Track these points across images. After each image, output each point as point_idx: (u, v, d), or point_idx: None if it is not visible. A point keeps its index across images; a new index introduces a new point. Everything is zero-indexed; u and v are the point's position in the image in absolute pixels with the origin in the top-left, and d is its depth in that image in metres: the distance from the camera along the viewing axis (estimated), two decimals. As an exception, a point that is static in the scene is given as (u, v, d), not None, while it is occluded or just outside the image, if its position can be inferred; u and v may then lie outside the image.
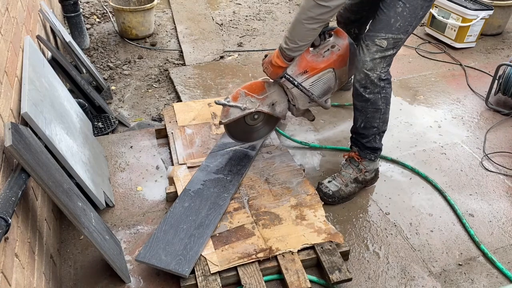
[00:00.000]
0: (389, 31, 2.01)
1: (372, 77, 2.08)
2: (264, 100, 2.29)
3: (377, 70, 2.07)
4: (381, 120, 2.20)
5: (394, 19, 1.99)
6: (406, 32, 2.03)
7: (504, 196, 2.36)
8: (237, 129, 2.38)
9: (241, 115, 2.25)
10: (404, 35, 2.04)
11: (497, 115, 2.99)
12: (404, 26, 2.00)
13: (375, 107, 2.15)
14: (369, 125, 2.20)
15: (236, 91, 2.26)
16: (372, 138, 2.24)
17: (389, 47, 2.03)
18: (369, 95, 2.12)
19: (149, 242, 1.91)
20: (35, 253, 1.60)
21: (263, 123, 2.46)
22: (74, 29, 3.63)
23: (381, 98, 2.14)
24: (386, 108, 2.18)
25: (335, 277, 1.83)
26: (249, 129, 2.45)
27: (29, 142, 1.62)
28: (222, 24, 4.25)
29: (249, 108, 2.25)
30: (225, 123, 2.23)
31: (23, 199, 1.61)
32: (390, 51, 2.05)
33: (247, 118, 2.37)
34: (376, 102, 2.14)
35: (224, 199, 2.12)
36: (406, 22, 2.00)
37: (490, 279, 1.94)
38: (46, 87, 2.13)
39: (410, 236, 2.13)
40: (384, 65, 2.08)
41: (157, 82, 3.38)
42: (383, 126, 2.23)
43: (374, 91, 2.11)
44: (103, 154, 2.53)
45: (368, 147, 2.26)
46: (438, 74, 3.44)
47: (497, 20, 3.89)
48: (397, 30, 2.00)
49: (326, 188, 2.27)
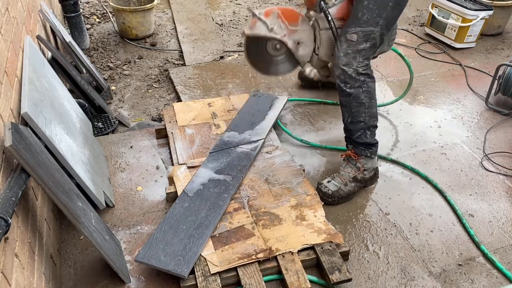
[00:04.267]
0: (357, 24, 2.07)
1: (349, 72, 2.13)
2: (292, 34, 2.24)
3: (353, 64, 2.12)
4: (367, 114, 2.22)
5: (361, 12, 2.06)
6: (376, 24, 2.07)
7: (504, 196, 2.36)
8: (255, 51, 2.34)
9: (265, 35, 2.19)
10: (375, 27, 2.07)
11: (497, 115, 2.99)
12: (372, 18, 2.06)
13: (358, 101, 2.19)
14: (355, 119, 2.23)
15: (271, 8, 2.24)
16: (362, 133, 2.25)
17: (360, 40, 2.09)
18: (350, 89, 2.17)
19: (149, 243, 1.91)
20: (35, 253, 1.60)
21: (282, 59, 2.37)
22: (74, 29, 3.64)
23: (363, 92, 2.17)
24: (370, 102, 2.21)
25: (335, 278, 1.83)
26: (266, 57, 2.38)
27: (29, 142, 1.62)
28: (222, 24, 4.25)
29: (275, 32, 2.21)
30: (247, 34, 2.19)
31: (23, 199, 1.61)
32: (362, 45, 2.09)
33: (268, 45, 2.33)
34: (358, 96, 2.18)
35: (224, 200, 2.12)
36: (373, 14, 2.05)
37: (490, 279, 1.94)
38: (46, 87, 2.13)
39: (410, 236, 2.13)
40: (361, 59, 2.12)
41: (157, 82, 3.38)
42: (370, 121, 2.25)
43: (355, 86, 2.16)
44: (103, 154, 2.53)
45: (360, 143, 2.28)
46: (438, 74, 3.44)
47: (497, 20, 3.89)
48: (365, 23, 2.06)
49: (325, 188, 2.27)
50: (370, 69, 2.20)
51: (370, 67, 2.20)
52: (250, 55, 2.38)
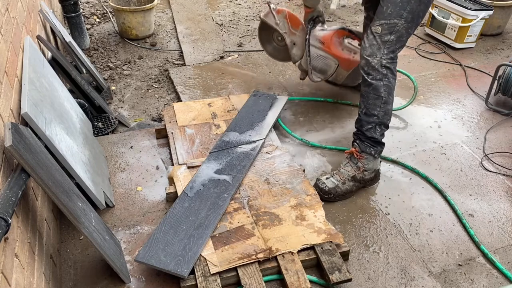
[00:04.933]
0: (382, 17, 2.15)
1: (373, 63, 2.19)
2: (292, 35, 2.86)
3: (377, 55, 2.18)
4: (382, 109, 2.25)
5: (385, 6, 2.15)
6: (400, 17, 2.13)
7: (504, 196, 2.36)
8: (265, 36, 3.08)
9: (272, 25, 2.86)
10: (398, 20, 2.14)
11: (497, 115, 2.99)
12: (395, 11, 2.13)
13: (377, 94, 2.23)
14: (370, 112, 2.26)
15: (283, 8, 2.86)
16: (372, 127, 2.27)
17: (384, 32, 2.16)
18: (372, 80, 2.22)
19: (149, 243, 1.91)
20: (35, 253, 1.60)
21: (282, 49, 3.03)
22: (74, 29, 3.63)
23: (383, 85, 2.22)
24: (388, 97, 2.25)
25: (335, 278, 1.83)
26: (272, 43, 3.11)
27: (29, 142, 1.62)
28: (222, 24, 4.25)
29: (280, 27, 2.85)
30: (261, 18, 2.91)
31: (23, 199, 1.61)
32: (387, 37, 2.16)
33: (274, 34, 3.04)
34: (377, 88, 2.22)
35: (224, 200, 2.12)
36: (397, 7, 2.12)
37: (490, 279, 1.94)
38: (46, 87, 2.13)
39: (410, 236, 2.13)
40: (385, 51, 2.18)
41: (157, 82, 3.38)
42: (383, 117, 2.27)
43: (377, 78, 2.21)
44: (103, 154, 2.53)
45: (368, 137, 2.29)
46: (438, 74, 3.44)
47: (497, 20, 3.89)
48: (389, 16, 2.14)
49: (323, 184, 2.27)
50: (394, 64, 2.23)
51: (395, 62, 2.23)
52: (261, 37, 3.12)
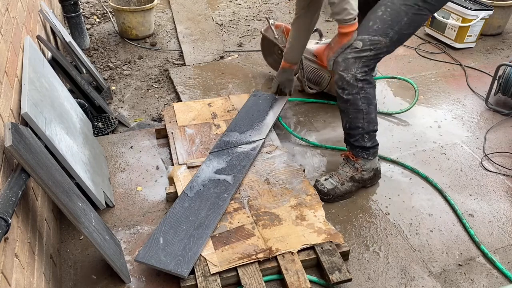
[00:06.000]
0: (366, 32, 2.03)
1: (347, 78, 2.09)
2: None
3: (351, 70, 2.08)
4: (365, 120, 2.18)
5: (373, 21, 2.03)
6: (385, 35, 2.02)
7: (504, 196, 2.36)
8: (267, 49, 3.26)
9: (271, 39, 3.06)
10: (384, 38, 2.03)
11: (497, 115, 2.99)
12: (382, 28, 2.01)
13: (356, 108, 2.15)
14: (354, 125, 2.21)
15: (280, 23, 3.02)
16: (360, 138, 2.23)
17: (365, 48, 2.04)
18: (347, 96, 2.13)
19: (149, 243, 1.91)
20: (35, 253, 1.60)
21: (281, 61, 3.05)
22: (74, 29, 3.64)
23: (361, 98, 2.13)
24: (368, 108, 2.17)
25: (335, 278, 1.83)
26: (273, 56, 3.26)
27: (29, 142, 1.62)
28: (222, 24, 4.25)
29: (278, 41, 3.02)
30: (262, 33, 3.13)
31: (23, 199, 1.61)
32: (366, 52, 2.05)
33: (275, 48, 3.17)
34: (355, 103, 2.14)
35: (224, 200, 2.12)
36: (385, 25, 2.01)
37: (490, 279, 1.94)
38: (46, 87, 2.13)
39: (410, 236, 2.13)
40: (360, 66, 2.07)
41: (157, 82, 3.38)
42: (369, 126, 2.21)
43: (352, 92, 2.12)
44: (103, 154, 2.53)
45: (357, 146, 2.27)
46: (438, 74, 3.44)
47: (497, 20, 3.89)
48: (374, 32, 2.02)
49: (321, 185, 2.27)
50: (370, 75, 2.13)
51: (370, 73, 2.14)
52: (263, 50, 3.30)
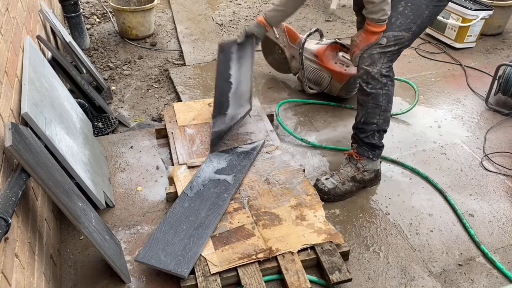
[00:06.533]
0: (390, 29, 2.04)
1: (373, 73, 2.11)
2: (290, 49, 3.04)
3: (377, 65, 2.10)
4: (381, 117, 2.20)
5: (395, 17, 2.03)
6: (408, 30, 2.05)
7: (504, 196, 2.36)
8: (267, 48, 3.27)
9: (272, 38, 3.09)
10: (407, 33, 2.05)
11: (497, 115, 2.99)
12: (405, 23, 2.03)
13: (376, 103, 2.17)
14: (369, 120, 2.21)
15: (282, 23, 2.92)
16: (371, 134, 2.24)
17: (390, 43, 2.06)
18: (370, 90, 2.15)
19: (149, 243, 1.91)
20: (35, 253, 1.60)
21: (283, 61, 3.18)
22: (74, 29, 3.63)
23: (383, 94, 2.15)
24: (387, 105, 2.19)
25: (335, 278, 1.83)
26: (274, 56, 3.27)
27: (29, 142, 1.62)
28: (222, 24, 4.25)
29: (279, 41, 3.07)
30: None
31: (23, 199, 1.61)
32: (390, 48, 2.07)
33: (276, 47, 3.19)
34: (377, 97, 2.16)
35: (224, 200, 2.12)
36: (408, 20, 2.02)
37: (490, 279, 1.94)
38: (46, 87, 2.13)
39: (410, 236, 2.13)
40: (385, 61, 2.10)
41: (157, 82, 3.38)
42: (383, 125, 2.23)
43: (376, 87, 2.14)
44: (103, 154, 2.53)
45: (366, 143, 2.26)
46: (438, 74, 3.44)
47: (497, 20, 3.89)
48: (397, 28, 2.03)
49: (322, 184, 2.27)
50: (392, 71, 2.16)
51: (392, 69, 2.16)
52: (264, 49, 3.30)
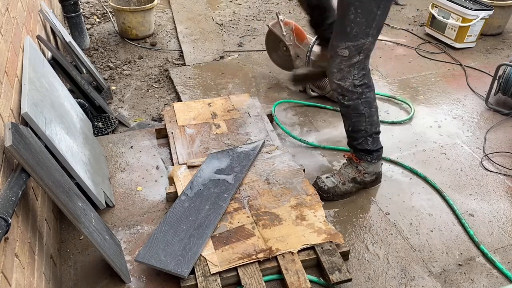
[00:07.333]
0: (347, 39, 1.96)
1: (345, 86, 2.06)
2: (296, 47, 3.05)
3: (349, 78, 2.04)
4: (368, 123, 2.16)
5: (349, 27, 1.93)
6: (367, 36, 1.95)
7: (504, 196, 2.36)
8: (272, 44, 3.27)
9: (279, 35, 3.09)
10: (366, 39, 1.95)
11: (497, 115, 2.99)
12: (361, 31, 1.93)
13: (358, 112, 2.13)
14: (356, 128, 2.19)
15: (290, 21, 3.07)
16: (363, 141, 2.21)
17: (353, 54, 1.98)
18: (348, 102, 2.11)
19: (149, 243, 1.91)
20: (35, 253, 1.60)
21: (287, 59, 3.19)
22: (74, 29, 3.63)
23: (362, 103, 2.11)
24: (370, 111, 2.14)
25: (335, 278, 1.83)
26: (278, 53, 3.28)
27: (29, 142, 1.62)
28: (222, 24, 4.25)
29: (286, 38, 3.06)
30: (269, 27, 3.17)
31: (23, 199, 1.61)
32: (355, 58, 1.99)
33: (281, 44, 3.19)
34: (357, 107, 2.12)
35: (224, 200, 2.12)
36: (362, 27, 1.92)
37: (490, 279, 1.94)
38: (46, 87, 2.13)
39: (410, 236, 2.13)
40: (356, 72, 2.03)
41: (157, 82, 3.38)
42: (371, 129, 2.19)
43: (353, 98, 2.09)
44: (103, 154, 2.53)
45: (360, 149, 2.25)
46: (438, 74, 3.44)
47: (497, 20, 3.89)
48: (355, 37, 1.94)
49: (322, 183, 2.27)
50: (368, 77, 2.09)
51: (368, 76, 2.09)
52: (268, 45, 3.31)
